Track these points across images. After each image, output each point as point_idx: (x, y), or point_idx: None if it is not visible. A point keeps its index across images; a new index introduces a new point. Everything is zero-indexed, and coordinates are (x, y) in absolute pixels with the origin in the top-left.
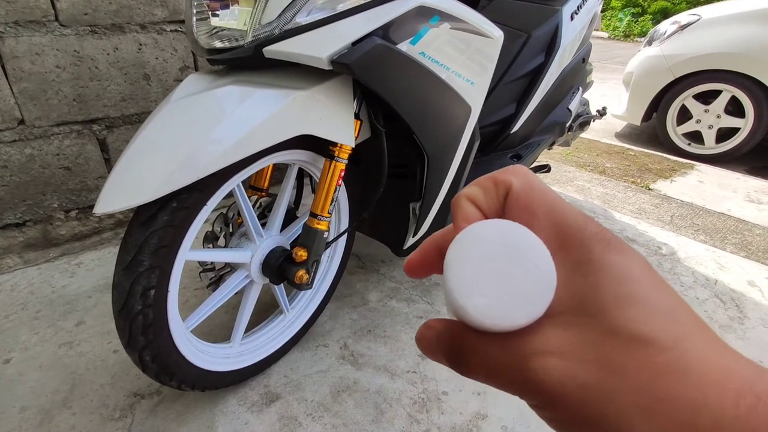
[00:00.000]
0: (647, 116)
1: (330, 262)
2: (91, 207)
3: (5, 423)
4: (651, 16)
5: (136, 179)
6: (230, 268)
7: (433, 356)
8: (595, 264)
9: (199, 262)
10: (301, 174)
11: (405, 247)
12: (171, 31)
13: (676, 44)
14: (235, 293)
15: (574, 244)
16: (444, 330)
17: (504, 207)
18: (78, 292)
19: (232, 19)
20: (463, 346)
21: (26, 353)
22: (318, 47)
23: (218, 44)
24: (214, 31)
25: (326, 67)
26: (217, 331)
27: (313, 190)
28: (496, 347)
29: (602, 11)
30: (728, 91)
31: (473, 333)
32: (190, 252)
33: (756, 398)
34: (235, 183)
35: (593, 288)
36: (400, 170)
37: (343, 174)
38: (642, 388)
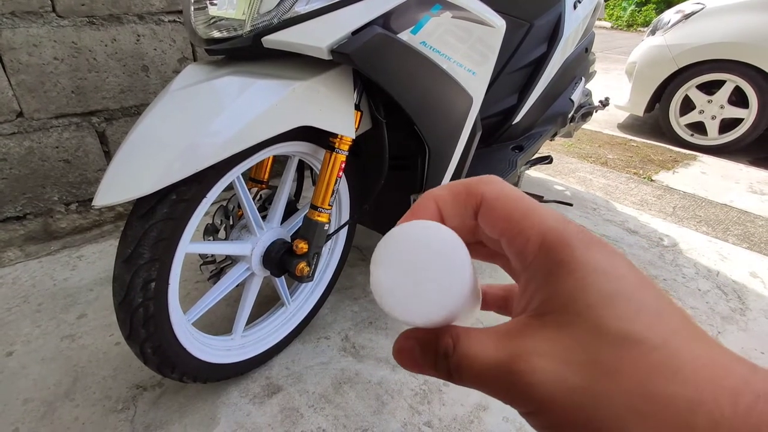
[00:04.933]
0: (650, 107)
1: (331, 254)
2: (92, 200)
3: (8, 415)
4: (655, 6)
5: (135, 171)
6: (231, 260)
7: (416, 368)
8: (578, 263)
9: (199, 254)
10: (302, 166)
11: None
12: (169, 21)
13: (680, 34)
14: (236, 286)
15: (556, 244)
16: (427, 338)
17: (477, 217)
18: (79, 285)
19: (231, 9)
20: (454, 353)
21: (28, 346)
22: (317, 37)
23: (216, 34)
24: (212, 21)
25: (326, 57)
26: (219, 323)
27: (314, 183)
28: (488, 348)
29: (606, 0)
30: (732, 81)
31: (465, 331)
32: (190, 244)
33: (755, 396)
34: (234, 175)
35: (578, 286)
36: (401, 162)
37: (343, 166)
38: (635, 389)
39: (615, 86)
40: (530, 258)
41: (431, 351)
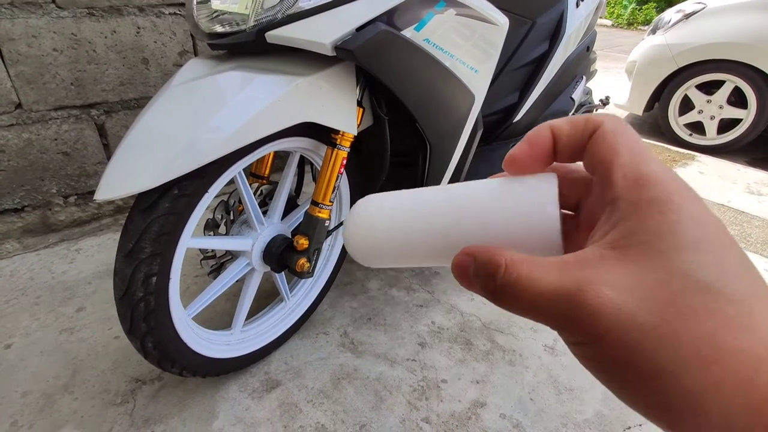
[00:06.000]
0: (649, 106)
1: (330, 250)
2: (90, 193)
3: (7, 408)
4: (655, 4)
5: (137, 166)
6: (231, 255)
7: (467, 283)
8: (674, 203)
9: (200, 249)
10: (302, 161)
11: None
12: (170, 14)
13: (681, 33)
14: (236, 281)
15: (653, 182)
16: (484, 255)
17: (588, 142)
18: (78, 278)
19: (234, 3)
20: (508, 273)
21: (27, 339)
22: (321, 33)
23: (219, 28)
24: (215, 15)
25: (329, 53)
26: (218, 318)
27: (314, 178)
28: (552, 274)
29: None
30: (731, 81)
31: (526, 258)
32: (191, 239)
33: None
34: (236, 170)
35: (669, 227)
36: (402, 158)
37: (345, 162)
38: (705, 336)
39: (614, 85)
40: (621, 189)
41: (482, 268)
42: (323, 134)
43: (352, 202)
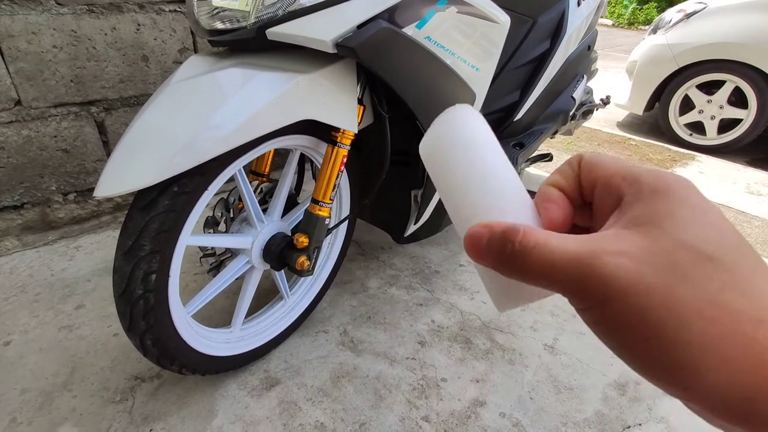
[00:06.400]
0: (650, 106)
1: (330, 248)
2: (90, 190)
3: (6, 405)
4: (656, 4)
5: (137, 163)
6: (231, 253)
7: (480, 255)
8: (675, 193)
9: (199, 247)
10: (303, 159)
11: (406, 234)
12: (170, 11)
13: (681, 33)
14: (236, 279)
15: (654, 178)
16: (501, 226)
17: (579, 174)
18: (77, 275)
19: (234, 0)
20: (526, 239)
21: (26, 336)
22: (322, 30)
23: (220, 25)
24: (215, 12)
25: (331, 50)
26: (218, 316)
27: (314, 176)
28: (568, 243)
29: None
30: (732, 81)
31: (542, 230)
32: (190, 237)
33: None
34: (236, 168)
35: (672, 210)
36: (403, 157)
37: (345, 160)
38: (705, 296)
39: (615, 84)
40: (625, 188)
41: (499, 236)
42: (324, 132)
43: (352, 200)
